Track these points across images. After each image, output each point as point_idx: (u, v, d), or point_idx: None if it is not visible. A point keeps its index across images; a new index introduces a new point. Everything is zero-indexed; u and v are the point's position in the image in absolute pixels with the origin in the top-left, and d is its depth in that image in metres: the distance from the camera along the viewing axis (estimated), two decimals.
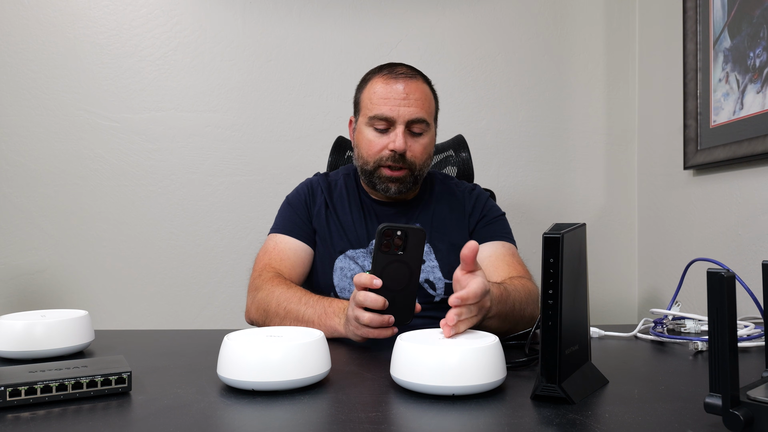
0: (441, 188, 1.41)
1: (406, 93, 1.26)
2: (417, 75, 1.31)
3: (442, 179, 1.45)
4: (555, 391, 0.68)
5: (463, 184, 1.44)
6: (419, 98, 1.27)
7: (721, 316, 0.55)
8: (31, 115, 2.00)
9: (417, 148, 1.28)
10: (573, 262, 0.71)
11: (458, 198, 1.39)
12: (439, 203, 1.38)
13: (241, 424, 0.64)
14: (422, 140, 1.29)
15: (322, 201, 1.37)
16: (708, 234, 1.70)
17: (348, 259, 1.30)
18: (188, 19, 2.04)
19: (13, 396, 0.68)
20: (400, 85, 1.26)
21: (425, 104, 1.28)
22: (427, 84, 1.33)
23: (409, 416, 0.67)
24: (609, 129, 2.14)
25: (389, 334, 0.98)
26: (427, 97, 1.30)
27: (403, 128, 1.26)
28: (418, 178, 1.32)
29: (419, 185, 1.37)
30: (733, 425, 0.55)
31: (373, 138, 1.28)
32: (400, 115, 1.25)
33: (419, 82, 1.30)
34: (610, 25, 2.13)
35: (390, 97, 1.26)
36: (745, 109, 1.52)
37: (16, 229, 2.00)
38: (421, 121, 1.27)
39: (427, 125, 1.29)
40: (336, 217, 1.35)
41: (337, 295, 1.30)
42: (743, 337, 1.01)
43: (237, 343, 0.75)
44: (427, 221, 1.35)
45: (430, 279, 1.31)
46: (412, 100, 1.26)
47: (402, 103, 1.26)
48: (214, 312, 2.04)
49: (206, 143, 2.05)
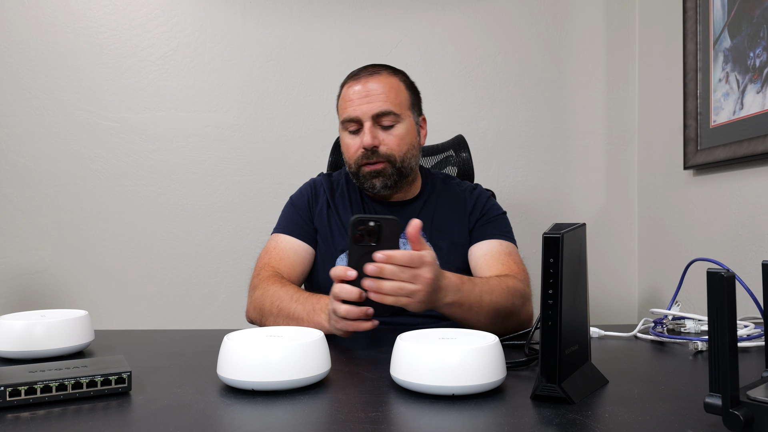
0: (442, 188, 1.42)
1: (367, 90, 1.29)
2: (381, 70, 1.33)
3: (443, 179, 1.45)
4: (555, 391, 0.68)
5: (464, 183, 1.45)
6: (382, 92, 1.29)
7: (721, 316, 0.55)
8: (31, 115, 2.00)
9: (390, 140, 1.29)
10: (573, 262, 0.71)
11: (459, 197, 1.39)
12: (439, 202, 1.38)
13: (241, 424, 0.64)
14: (395, 131, 1.30)
15: (324, 201, 1.38)
16: (708, 234, 1.70)
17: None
18: (188, 19, 2.04)
19: (13, 396, 0.68)
20: (361, 85, 1.30)
21: (390, 96, 1.29)
22: (395, 75, 1.34)
23: (409, 416, 0.67)
24: (609, 129, 2.14)
25: (369, 326, 0.99)
26: (393, 88, 1.31)
27: (371, 124, 1.28)
28: (403, 171, 1.32)
29: (410, 179, 1.36)
30: (733, 425, 0.55)
31: (348, 141, 1.32)
32: (364, 112, 1.28)
33: (383, 76, 1.31)
34: (610, 25, 2.13)
35: (353, 99, 1.30)
36: (745, 109, 1.52)
37: (16, 229, 2.00)
38: (387, 113, 1.28)
39: (397, 116, 1.30)
40: (338, 216, 1.36)
41: None
42: (743, 337, 1.01)
43: (237, 343, 0.75)
44: (427, 220, 1.35)
45: None
46: (374, 96, 1.28)
47: (364, 101, 1.28)
48: (214, 312, 2.04)
49: (206, 143, 2.05)
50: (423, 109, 1.43)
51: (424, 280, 0.95)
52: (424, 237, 1.33)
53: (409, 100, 1.35)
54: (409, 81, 1.38)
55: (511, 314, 1.14)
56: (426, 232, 1.34)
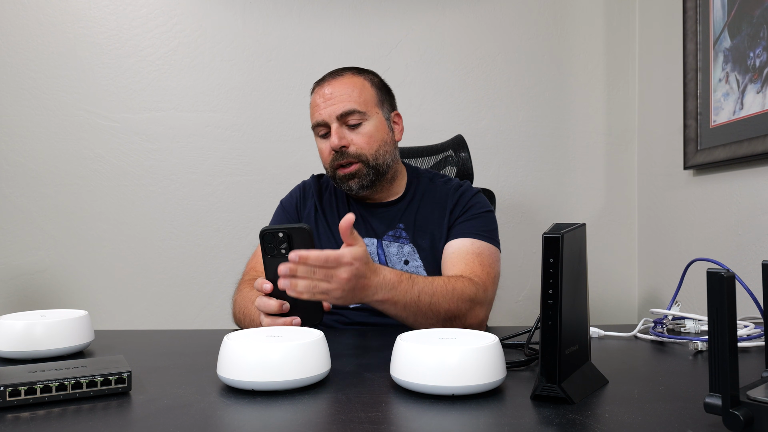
0: (427, 187, 1.40)
1: (330, 93, 1.31)
2: (345, 72, 1.35)
3: (430, 178, 1.43)
4: (555, 391, 0.68)
5: (452, 181, 1.41)
6: (344, 92, 1.30)
7: (721, 316, 0.55)
8: (31, 115, 2.00)
9: (359, 139, 1.30)
10: (573, 262, 0.71)
11: (442, 196, 1.37)
12: (422, 202, 1.37)
13: (241, 424, 0.64)
14: (363, 130, 1.30)
15: (312, 204, 1.40)
16: (708, 234, 1.70)
17: None
18: (188, 19, 2.04)
19: (13, 396, 0.68)
20: (325, 89, 1.32)
21: (354, 95, 1.30)
22: (359, 75, 1.34)
23: (409, 416, 0.67)
24: (609, 129, 2.14)
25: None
26: (357, 87, 1.32)
27: (337, 125, 1.29)
28: (378, 169, 1.31)
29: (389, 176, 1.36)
30: (733, 425, 0.55)
31: (321, 146, 1.34)
32: (329, 114, 1.30)
33: (346, 77, 1.33)
34: (610, 25, 2.13)
35: (319, 103, 1.32)
36: (745, 109, 1.52)
37: (16, 229, 2.00)
38: (351, 112, 1.29)
39: (362, 114, 1.30)
40: (325, 219, 1.37)
41: None
42: (743, 337, 1.01)
43: (237, 343, 0.75)
44: (410, 221, 1.35)
45: None
46: (336, 97, 1.30)
47: (327, 104, 1.30)
48: (214, 312, 2.04)
49: (206, 143, 2.05)
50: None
51: (339, 279, 0.96)
52: (407, 237, 1.33)
53: (376, 97, 1.34)
54: (377, 79, 1.38)
55: (453, 318, 1.12)
56: (409, 232, 1.33)
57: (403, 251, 1.32)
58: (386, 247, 1.33)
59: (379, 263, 1.26)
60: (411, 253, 1.32)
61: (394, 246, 1.32)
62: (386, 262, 1.31)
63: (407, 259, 1.31)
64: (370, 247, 1.32)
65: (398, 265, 1.30)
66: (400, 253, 1.31)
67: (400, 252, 1.32)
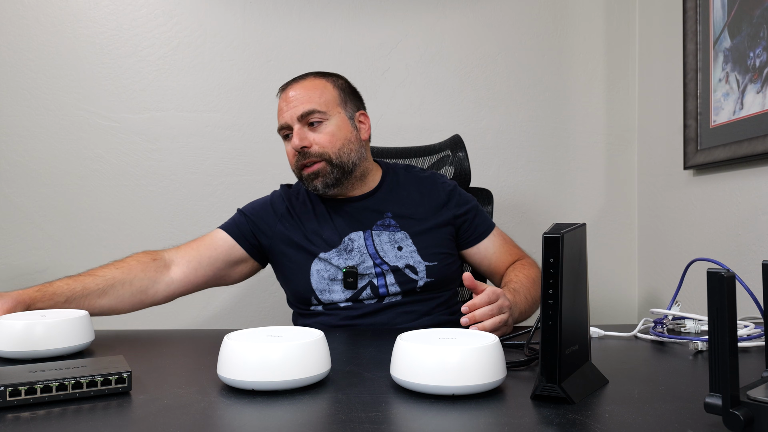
0: (405, 176, 1.45)
1: (291, 96, 1.34)
2: (306, 76, 1.38)
3: (405, 168, 1.48)
4: (555, 391, 0.68)
5: (425, 171, 1.49)
6: (304, 94, 1.33)
7: (721, 316, 0.55)
8: (31, 115, 2.00)
9: (321, 138, 1.33)
10: (573, 262, 0.71)
11: (428, 184, 1.43)
12: (407, 190, 1.42)
13: (241, 424, 0.64)
14: (324, 129, 1.33)
15: (285, 210, 1.40)
16: (708, 234, 1.70)
17: (322, 261, 1.34)
18: (188, 19, 2.04)
19: (13, 396, 0.68)
20: (287, 93, 1.36)
21: (313, 97, 1.33)
22: (321, 78, 1.38)
23: (409, 416, 0.67)
24: (609, 129, 2.14)
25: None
26: (317, 88, 1.35)
27: (299, 126, 1.32)
28: (343, 167, 1.34)
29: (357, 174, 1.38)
30: (733, 425, 0.55)
31: (287, 149, 1.37)
32: (291, 116, 1.33)
33: (307, 80, 1.37)
34: (610, 25, 2.13)
35: (281, 108, 1.36)
36: (745, 109, 1.52)
37: (16, 229, 2.00)
38: (310, 112, 1.32)
39: (323, 113, 1.33)
40: (301, 224, 1.38)
41: (318, 297, 1.33)
42: (743, 337, 1.02)
43: (237, 343, 0.75)
44: (397, 209, 1.38)
45: (410, 263, 1.33)
46: (297, 100, 1.33)
47: (288, 107, 1.34)
48: (214, 312, 2.04)
49: (206, 143, 2.05)
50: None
51: (506, 308, 1.10)
52: (396, 224, 1.37)
53: (338, 98, 1.37)
54: (341, 81, 1.40)
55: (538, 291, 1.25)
56: (397, 219, 1.37)
57: (395, 238, 1.35)
58: (376, 236, 1.35)
59: (369, 254, 1.32)
60: (403, 238, 1.35)
61: (385, 234, 1.35)
62: (376, 251, 1.33)
63: (400, 245, 1.34)
64: (357, 240, 1.34)
65: (391, 252, 1.33)
66: (392, 240, 1.35)
67: (392, 239, 1.35)
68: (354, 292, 1.31)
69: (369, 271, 1.31)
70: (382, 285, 1.31)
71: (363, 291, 1.31)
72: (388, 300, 1.32)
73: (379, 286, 1.31)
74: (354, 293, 1.31)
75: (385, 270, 1.31)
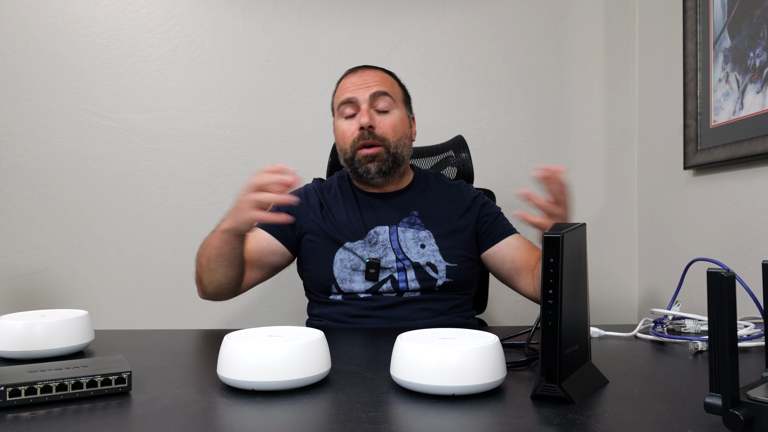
0: (435, 182, 1.49)
1: (364, 78, 1.39)
2: (376, 68, 1.44)
3: (435, 175, 1.52)
4: (555, 391, 0.68)
5: (455, 181, 1.52)
6: (378, 79, 1.39)
7: (721, 316, 0.55)
8: (31, 115, 2.00)
9: (385, 124, 1.37)
10: (573, 262, 0.71)
11: (455, 190, 1.47)
12: (434, 193, 1.45)
13: (241, 424, 0.64)
14: (390, 117, 1.38)
15: (317, 202, 1.43)
16: (708, 234, 1.70)
17: (347, 251, 1.36)
18: (188, 19, 2.04)
19: (13, 396, 0.68)
20: (357, 76, 1.40)
21: (386, 83, 1.39)
22: (388, 74, 1.44)
23: (409, 416, 0.67)
24: (609, 129, 2.14)
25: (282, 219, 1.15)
26: (388, 79, 1.42)
27: (367, 106, 1.36)
28: (397, 158, 1.38)
29: (402, 170, 1.42)
30: (733, 425, 0.55)
31: (345, 126, 1.39)
32: (361, 93, 1.37)
33: (378, 70, 1.42)
34: (610, 25, 2.13)
35: (353, 83, 1.39)
36: (745, 109, 1.52)
37: (16, 229, 2.00)
38: (383, 93, 1.37)
39: (393, 101, 1.38)
40: (331, 215, 1.41)
41: (338, 285, 1.35)
42: (743, 337, 1.02)
43: (237, 343, 0.75)
44: (424, 209, 1.41)
45: (431, 262, 1.35)
46: (371, 82, 1.38)
47: (362, 85, 1.38)
48: (214, 312, 2.04)
49: (206, 143, 2.05)
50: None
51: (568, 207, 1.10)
52: (421, 224, 1.40)
53: (402, 94, 1.44)
54: (401, 82, 1.47)
55: None
56: (423, 219, 1.40)
57: (419, 236, 1.38)
58: (401, 233, 1.38)
59: (393, 248, 1.35)
60: (427, 237, 1.38)
61: (410, 231, 1.38)
62: (400, 247, 1.36)
63: (423, 243, 1.37)
64: (382, 234, 1.37)
65: (414, 249, 1.36)
66: (416, 237, 1.38)
67: (416, 237, 1.38)
68: (374, 284, 1.33)
69: (391, 264, 1.34)
70: (402, 280, 1.33)
71: (383, 284, 1.33)
72: (407, 295, 1.34)
73: (399, 280, 1.33)
74: (374, 285, 1.33)
75: (406, 265, 1.34)
